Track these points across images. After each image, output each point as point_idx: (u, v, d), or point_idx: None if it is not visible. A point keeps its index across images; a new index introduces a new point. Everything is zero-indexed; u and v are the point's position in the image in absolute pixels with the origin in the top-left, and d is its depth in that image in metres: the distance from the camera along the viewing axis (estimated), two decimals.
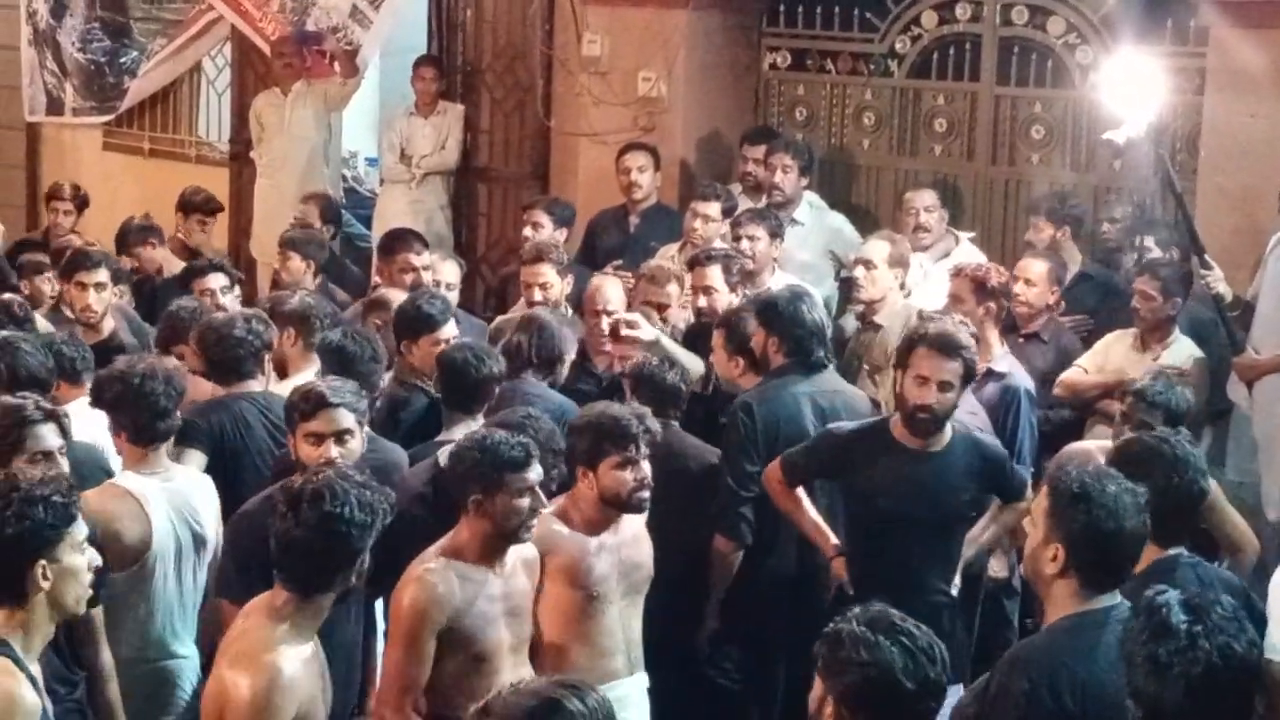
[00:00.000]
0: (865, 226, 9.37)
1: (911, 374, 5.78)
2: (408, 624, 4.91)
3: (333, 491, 4.31)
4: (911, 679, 3.53)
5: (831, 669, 3.58)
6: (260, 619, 4.34)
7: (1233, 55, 8.32)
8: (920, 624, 3.65)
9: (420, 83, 11.11)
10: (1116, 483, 4.28)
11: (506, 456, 4.98)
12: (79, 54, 13.01)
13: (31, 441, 5.09)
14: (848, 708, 3.55)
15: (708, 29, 10.32)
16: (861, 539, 5.95)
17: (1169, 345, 7.47)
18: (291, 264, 8.57)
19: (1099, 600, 4.21)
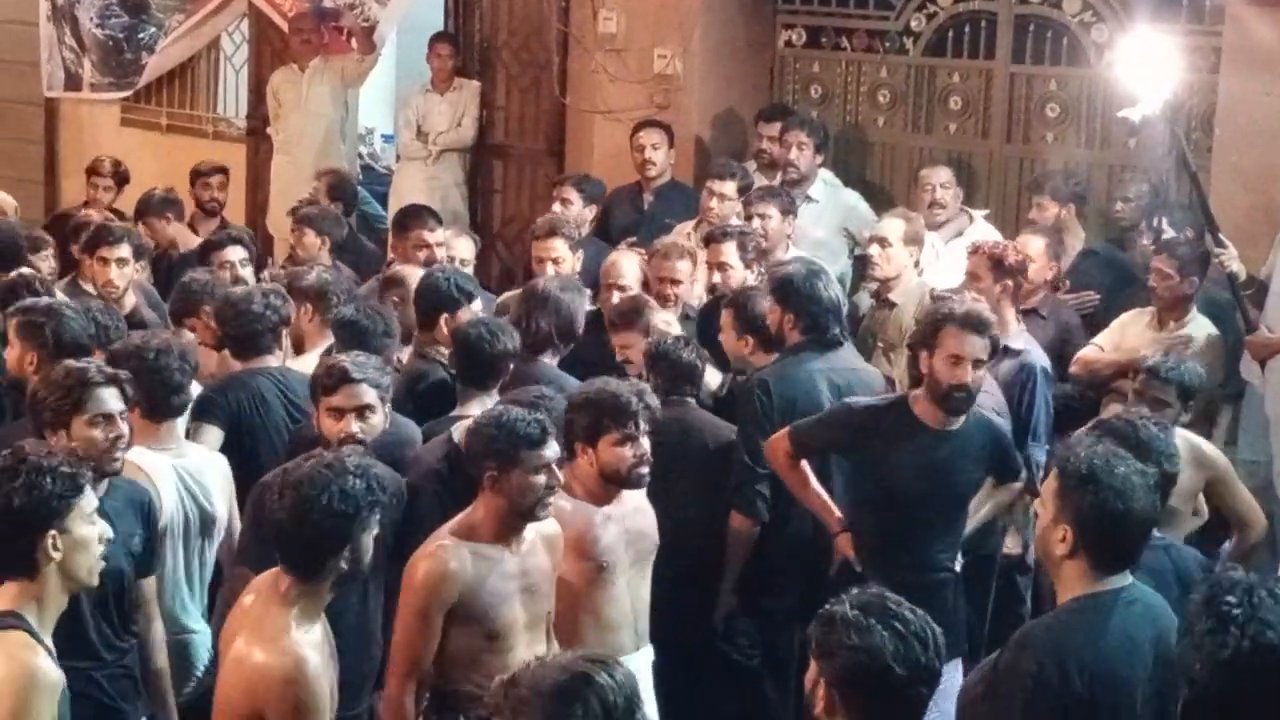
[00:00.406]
0: (880, 204, 9.36)
1: (943, 354, 5.73)
2: (417, 599, 4.91)
3: (312, 480, 4.28)
4: (902, 664, 3.51)
5: (824, 651, 3.58)
6: (270, 602, 4.33)
7: (1249, 33, 8.28)
8: (915, 608, 3.63)
9: (436, 59, 11.11)
10: (1126, 464, 4.26)
11: (523, 433, 4.96)
12: (97, 30, 13.01)
13: (93, 404, 5.07)
14: (839, 690, 3.55)
15: (723, 6, 10.30)
16: (872, 515, 5.92)
17: (1186, 324, 7.46)
18: (306, 239, 8.58)
19: (1109, 581, 4.20)
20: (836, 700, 3.55)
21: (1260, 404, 7.68)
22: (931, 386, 5.79)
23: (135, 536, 5.17)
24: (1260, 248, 7.75)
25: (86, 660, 4.87)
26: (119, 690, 5.11)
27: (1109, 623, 4.15)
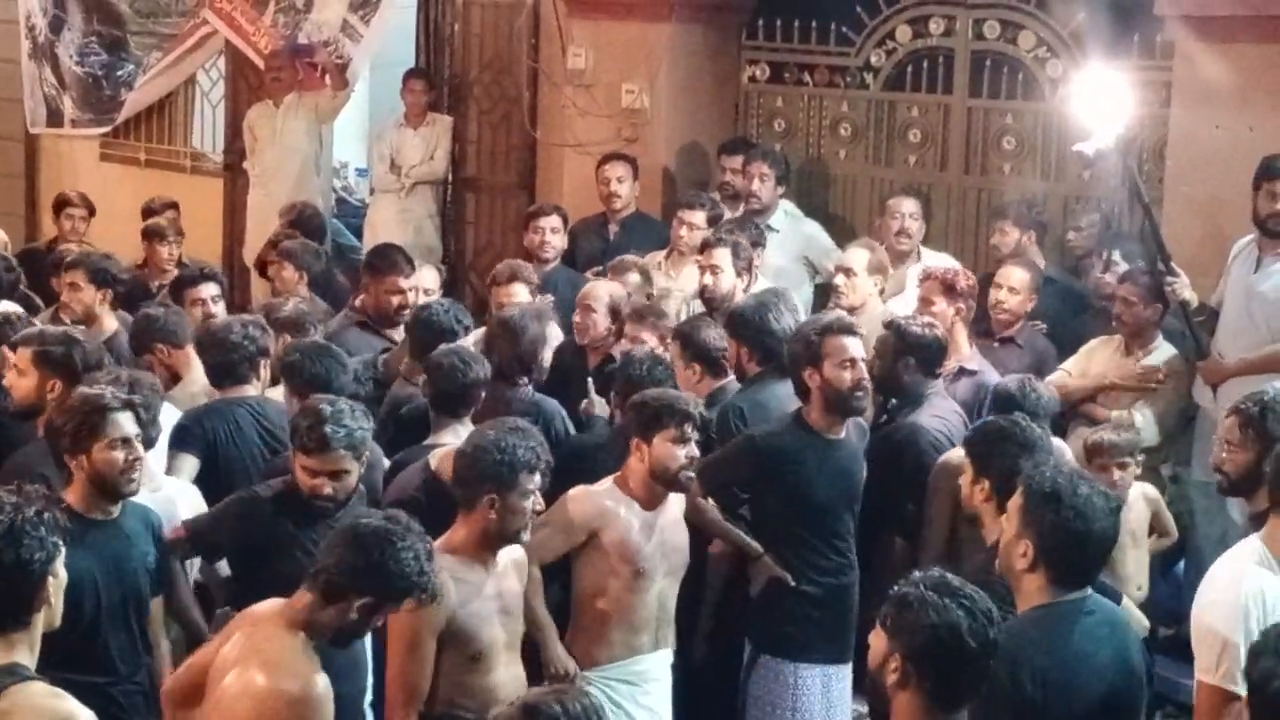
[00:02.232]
0: (841, 235, 9.39)
1: (833, 362, 5.89)
2: (408, 628, 4.90)
3: (388, 534, 4.35)
4: (975, 638, 3.65)
5: (901, 628, 3.70)
6: (279, 628, 4.34)
7: (1198, 69, 8.32)
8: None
9: (409, 95, 11.10)
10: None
11: (524, 458, 5.05)
12: (77, 67, 12.99)
13: (111, 428, 5.08)
14: (915, 665, 3.67)
15: (689, 43, 10.33)
16: (789, 532, 6.00)
17: (1151, 350, 7.52)
18: (285, 273, 8.54)
19: (1067, 594, 4.27)
20: (911, 672, 3.67)
21: (1213, 427, 7.68)
22: (829, 396, 5.92)
23: (150, 556, 5.22)
24: (1211, 276, 7.77)
25: (103, 675, 4.90)
26: (132, 705, 5.12)
27: (1064, 632, 4.24)
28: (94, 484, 5.10)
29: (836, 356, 5.89)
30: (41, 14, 13.18)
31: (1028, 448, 5.07)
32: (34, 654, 3.94)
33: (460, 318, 7.07)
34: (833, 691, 6.00)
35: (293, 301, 7.74)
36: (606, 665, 5.63)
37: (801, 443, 5.96)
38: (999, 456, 5.07)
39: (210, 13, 11.98)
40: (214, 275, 8.24)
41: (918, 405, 6.54)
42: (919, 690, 3.67)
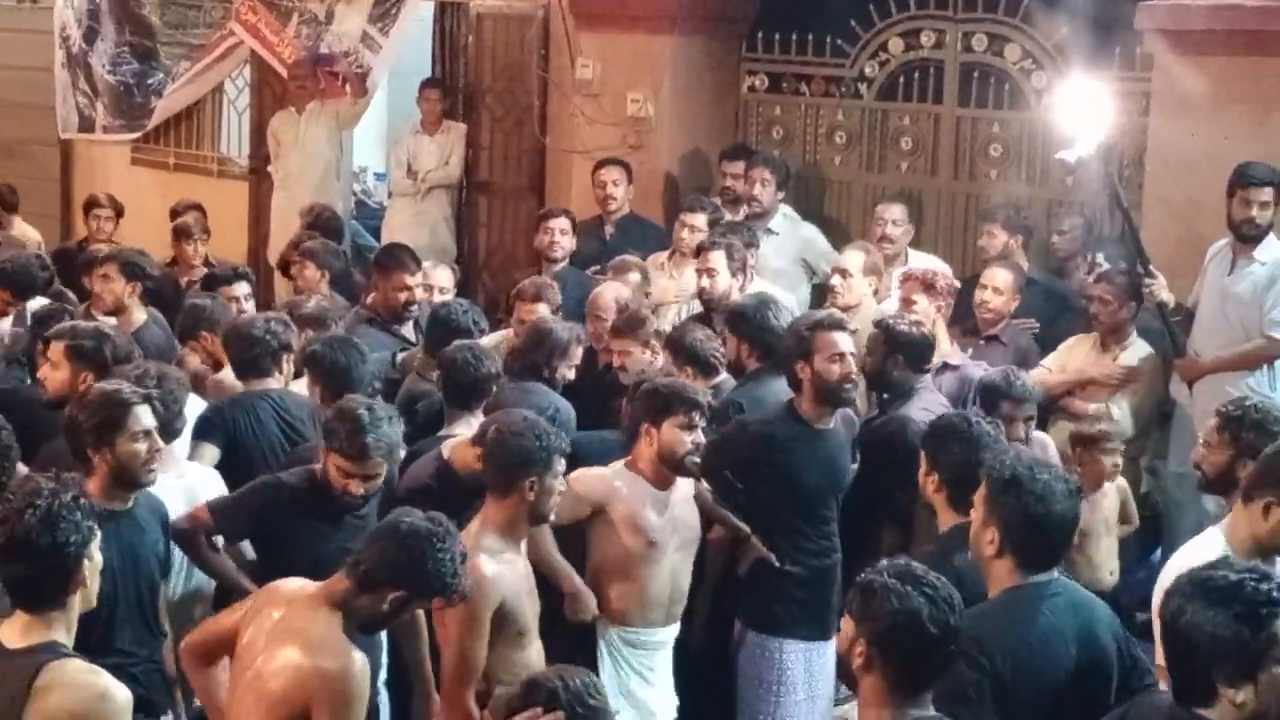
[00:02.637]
0: (837, 237, 9.41)
1: (823, 356, 5.94)
2: (469, 609, 4.91)
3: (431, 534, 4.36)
4: (936, 625, 3.61)
5: (866, 615, 3.67)
6: (319, 608, 4.36)
7: (1176, 80, 8.33)
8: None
9: (425, 103, 11.13)
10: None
11: (557, 443, 5.16)
12: (109, 75, 13.01)
13: (132, 421, 5.08)
14: (878, 648, 3.64)
15: (691, 54, 10.34)
16: (777, 515, 6.04)
17: (1126, 347, 7.56)
18: (307, 272, 8.55)
19: (1033, 577, 4.28)
20: (874, 657, 3.64)
21: (1189, 422, 7.71)
22: (819, 388, 5.96)
23: (159, 543, 5.23)
24: (1188, 277, 7.79)
25: (122, 658, 4.88)
26: (151, 683, 5.13)
27: (1030, 613, 4.24)
28: (115, 475, 5.10)
29: (826, 351, 5.93)
30: (76, 25, 13.20)
31: (975, 442, 5.04)
32: (71, 633, 3.98)
33: (478, 319, 7.08)
34: (814, 666, 6.02)
35: (315, 299, 7.78)
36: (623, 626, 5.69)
37: (791, 432, 6.00)
38: (949, 451, 5.06)
39: (237, 24, 12.01)
40: (246, 274, 8.28)
41: (908, 399, 6.56)
42: (883, 674, 3.64)
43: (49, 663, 3.82)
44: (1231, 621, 3.38)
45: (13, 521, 3.91)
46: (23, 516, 3.91)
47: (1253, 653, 3.37)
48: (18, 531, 3.89)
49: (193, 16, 12.70)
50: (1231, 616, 3.39)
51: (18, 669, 3.82)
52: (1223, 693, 3.40)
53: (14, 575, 3.92)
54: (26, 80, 13.75)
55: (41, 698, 3.77)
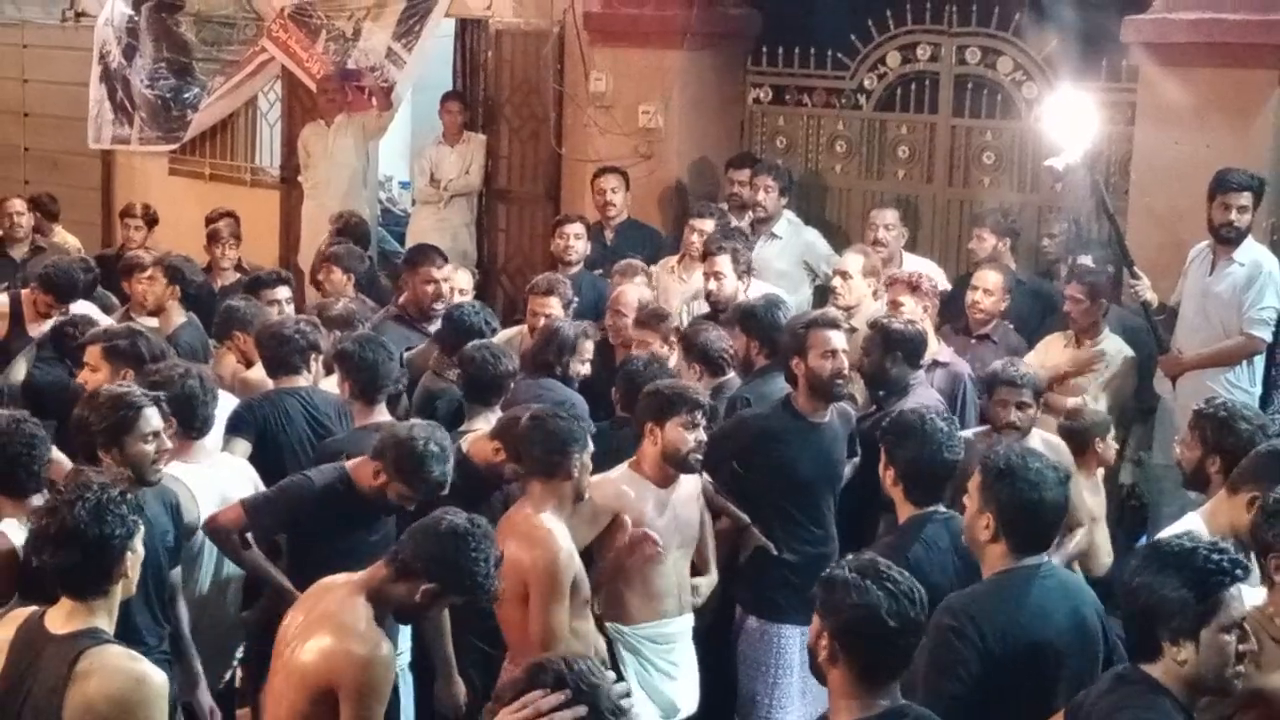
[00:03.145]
0: (837, 241, 9.41)
1: (816, 353, 5.94)
2: (553, 579, 4.94)
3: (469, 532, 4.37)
4: (895, 618, 3.56)
5: (828, 608, 3.63)
6: (354, 596, 4.36)
7: (1160, 91, 8.33)
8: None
9: (447, 115, 11.12)
10: (1040, 460, 4.39)
11: (588, 425, 5.30)
12: (148, 90, 13.01)
13: (142, 423, 5.04)
14: (840, 641, 3.59)
15: (699, 68, 10.33)
16: (776, 505, 6.02)
17: (1099, 342, 7.53)
18: (334, 275, 8.53)
19: (1026, 560, 4.29)
20: (838, 650, 3.59)
21: (1172, 416, 7.70)
22: (813, 383, 5.97)
23: (168, 534, 5.17)
24: (1171, 279, 7.78)
25: (133, 645, 4.82)
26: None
27: (1023, 593, 4.25)
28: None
29: (819, 347, 5.93)
30: (116, 43, 13.21)
31: (929, 439, 4.99)
32: (112, 620, 3.96)
33: (489, 319, 7.08)
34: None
35: (342, 301, 7.78)
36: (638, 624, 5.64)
37: (787, 425, 5.99)
38: (904, 447, 5.01)
39: (268, 41, 12.01)
40: (287, 279, 8.25)
41: (904, 395, 6.53)
42: (847, 667, 3.59)
43: (90, 648, 3.81)
44: (1179, 585, 3.50)
45: (63, 513, 3.91)
46: (72, 508, 3.90)
47: (1195, 615, 3.49)
48: (67, 523, 3.89)
49: (227, 34, 12.71)
50: (1180, 581, 3.51)
51: (61, 653, 3.82)
52: (1167, 651, 3.52)
53: (61, 564, 3.91)
54: (70, 95, 13.75)
55: (82, 681, 3.76)
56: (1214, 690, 3.59)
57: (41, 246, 10.24)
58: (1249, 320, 7.47)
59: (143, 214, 10.69)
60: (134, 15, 13.06)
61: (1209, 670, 3.51)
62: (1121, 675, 3.65)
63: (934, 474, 4.99)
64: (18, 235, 10.20)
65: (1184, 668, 3.51)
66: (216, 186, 12.66)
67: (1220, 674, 3.53)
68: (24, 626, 3.98)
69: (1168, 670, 3.52)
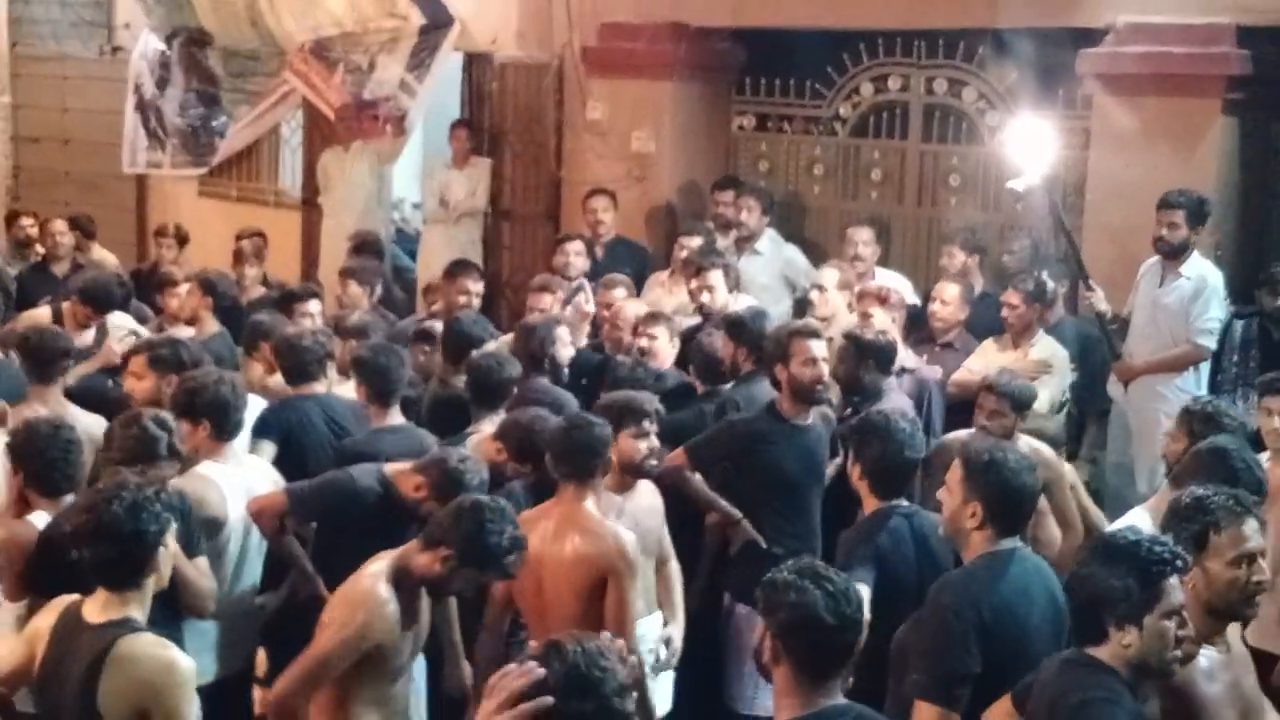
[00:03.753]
0: (815, 257, 9.42)
1: (798, 360, 5.94)
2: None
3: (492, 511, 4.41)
4: (832, 615, 3.48)
5: (769, 609, 3.56)
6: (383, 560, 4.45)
7: (1112, 118, 8.36)
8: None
9: (456, 141, 11.13)
10: (1012, 452, 4.44)
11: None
12: (179, 119, 13.03)
13: (155, 472, 4.98)
14: (783, 640, 3.53)
15: (688, 97, 10.35)
16: (764, 502, 6.00)
17: (1034, 344, 7.52)
18: (351, 289, 8.57)
19: (1004, 543, 4.30)
20: (781, 649, 3.53)
21: (1124, 418, 7.74)
22: (795, 388, 5.97)
23: (175, 529, 5.15)
24: (1123, 291, 7.80)
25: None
26: None
27: (1007, 573, 4.26)
28: None
29: (801, 356, 5.94)
30: (149, 75, 13.23)
31: (892, 439, 5.04)
32: (145, 610, 3.97)
33: (486, 328, 7.08)
34: None
35: (358, 313, 7.80)
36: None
37: (772, 427, 5.99)
38: (869, 445, 5.06)
39: (290, 74, 12.03)
40: (317, 293, 8.27)
41: (876, 399, 6.53)
42: (790, 664, 3.50)
43: (123, 636, 3.82)
44: (1125, 575, 3.51)
45: (100, 509, 3.92)
46: (110, 505, 3.92)
47: (1139, 602, 3.49)
48: (105, 519, 3.90)
49: (252, 66, 12.74)
50: (1125, 570, 3.51)
51: (95, 642, 3.83)
52: (1113, 635, 3.52)
53: (98, 557, 3.92)
54: (107, 122, 13.77)
55: (115, 668, 3.77)
56: (1155, 672, 3.57)
57: (81, 263, 10.25)
58: (1195, 330, 7.49)
59: (175, 233, 10.71)
60: (166, 49, 13.08)
61: (1151, 653, 3.51)
62: (1069, 659, 3.64)
63: (898, 470, 5.05)
64: (59, 253, 10.21)
65: (1128, 651, 3.51)
66: (242, 207, 12.68)
67: (1161, 657, 3.53)
68: (63, 615, 3.99)
69: (1114, 653, 3.52)
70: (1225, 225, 8.22)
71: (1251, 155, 8.42)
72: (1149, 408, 7.53)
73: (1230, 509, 3.99)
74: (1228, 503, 4.02)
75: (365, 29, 11.54)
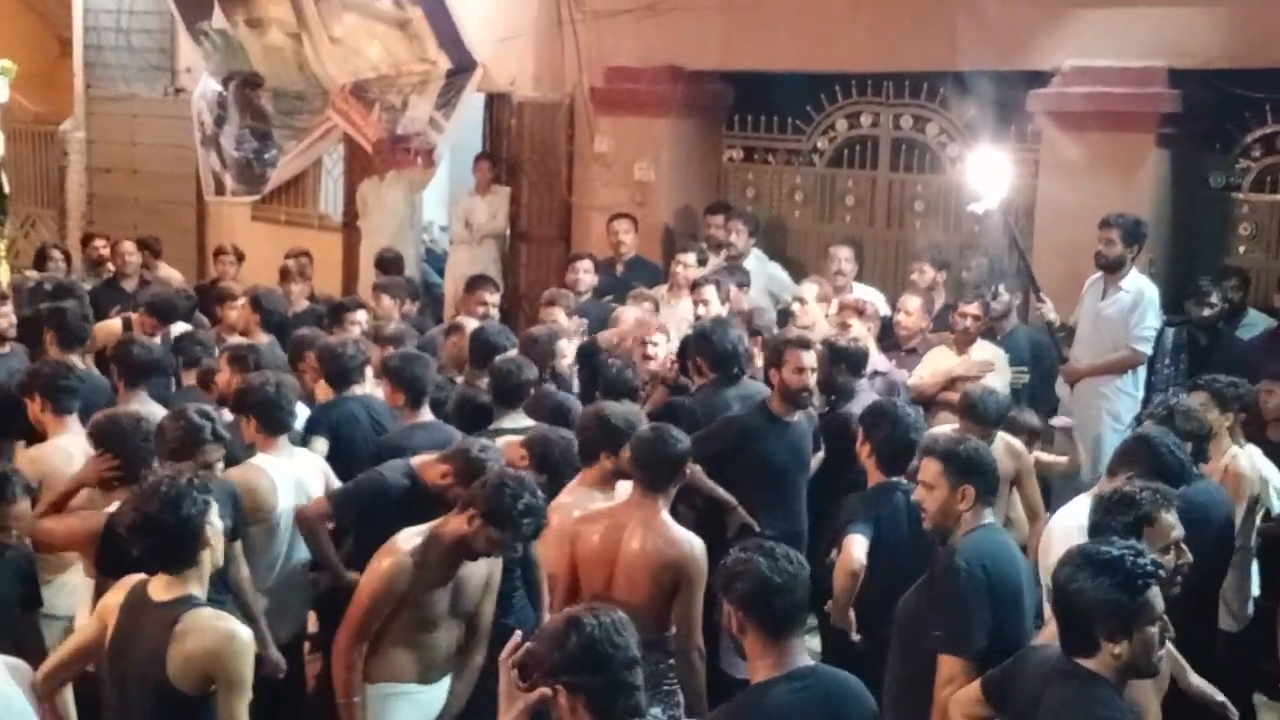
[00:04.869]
0: (796, 273, 9.40)
1: (789, 368, 5.92)
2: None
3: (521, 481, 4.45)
4: (778, 574, 3.47)
5: (725, 586, 3.55)
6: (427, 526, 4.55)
7: (1059, 150, 8.35)
8: (783, 545, 3.62)
9: (479, 172, 11.12)
10: (978, 441, 4.49)
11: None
12: (235, 152, 13.03)
13: (201, 456, 4.95)
14: (742, 610, 3.50)
15: (683, 133, 10.33)
16: (757, 489, 5.97)
17: (974, 348, 7.51)
18: (384, 303, 8.54)
19: (989, 515, 4.31)
20: (744, 619, 3.50)
21: (1069, 414, 7.71)
22: (784, 392, 5.98)
23: (226, 515, 5.12)
24: (1070, 303, 7.78)
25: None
26: None
27: (1000, 539, 4.30)
28: None
29: (792, 363, 5.92)
30: (209, 112, 13.24)
31: (901, 422, 5.17)
32: (203, 585, 3.93)
33: (509, 337, 7.01)
34: None
35: (394, 323, 7.78)
36: None
37: (764, 424, 5.97)
38: (881, 428, 5.17)
39: (333, 112, 12.03)
40: (363, 304, 8.22)
41: (850, 399, 6.54)
42: (753, 629, 3.48)
43: (185, 612, 3.79)
44: (1114, 589, 3.33)
45: (144, 507, 3.88)
46: (150, 501, 3.87)
47: (1130, 614, 3.32)
48: (150, 513, 3.86)
49: (299, 105, 12.72)
50: (1114, 584, 3.33)
51: (161, 618, 3.80)
52: (1105, 646, 3.35)
53: (151, 548, 3.89)
54: (170, 155, 13.77)
55: (180, 640, 3.74)
56: (1141, 674, 3.45)
57: (148, 279, 10.23)
58: (1134, 337, 7.47)
59: (233, 252, 10.69)
60: (223, 90, 13.08)
61: (1140, 659, 3.37)
62: (1062, 670, 3.44)
63: (903, 450, 5.11)
64: (127, 270, 10.19)
65: (1119, 660, 3.35)
66: (290, 230, 12.67)
67: (1148, 660, 3.39)
68: (130, 593, 3.96)
69: (1104, 663, 3.36)
70: (1159, 245, 8.20)
71: (1182, 183, 8.40)
72: (1092, 405, 7.51)
73: (1157, 502, 4.02)
74: (1155, 497, 4.03)
75: (399, 72, 11.54)
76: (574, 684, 3.02)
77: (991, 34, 8.55)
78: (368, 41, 11.60)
